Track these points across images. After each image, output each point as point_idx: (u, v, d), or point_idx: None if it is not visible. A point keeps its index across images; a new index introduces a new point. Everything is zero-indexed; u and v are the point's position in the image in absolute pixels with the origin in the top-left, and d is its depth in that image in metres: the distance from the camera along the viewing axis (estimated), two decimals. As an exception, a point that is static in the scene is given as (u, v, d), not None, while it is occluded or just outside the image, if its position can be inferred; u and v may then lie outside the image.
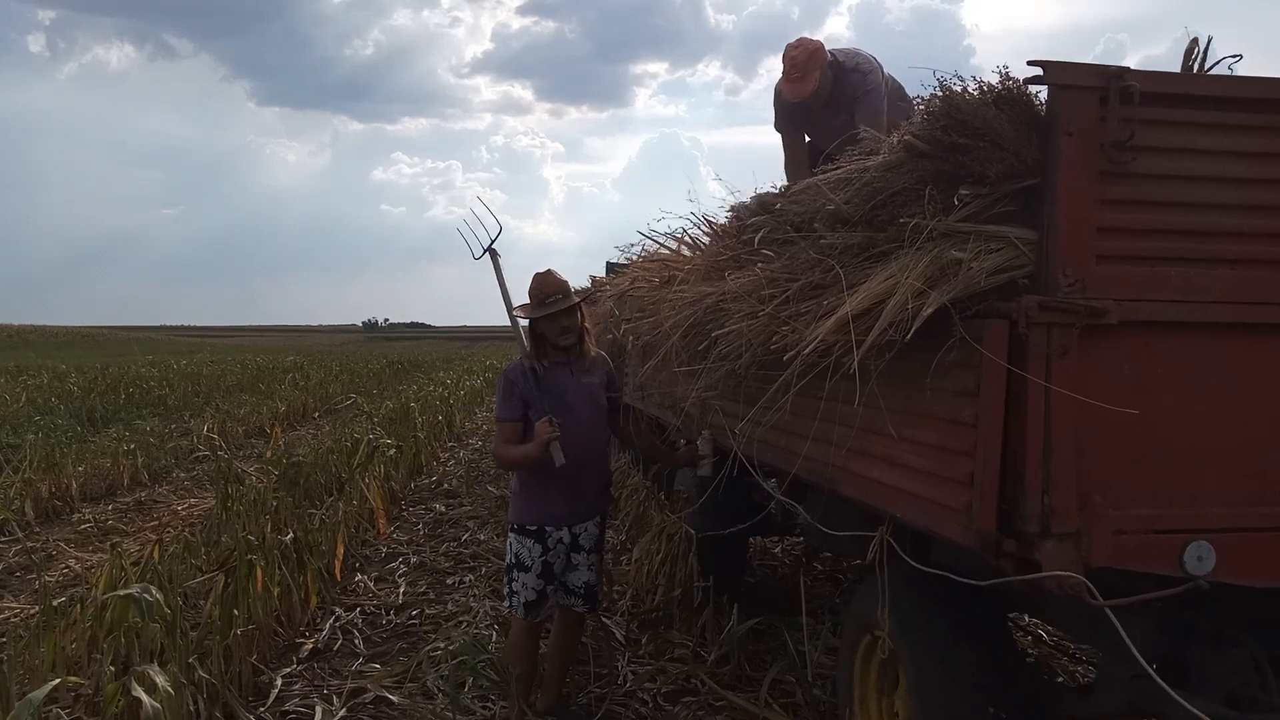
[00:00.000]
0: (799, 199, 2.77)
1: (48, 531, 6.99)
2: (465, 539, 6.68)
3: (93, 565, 5.70)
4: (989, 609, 2.50)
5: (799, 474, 2.88)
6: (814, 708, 3.68)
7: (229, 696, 3.72)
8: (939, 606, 2.46)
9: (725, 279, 3.08)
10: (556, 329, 3.50)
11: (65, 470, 8.33)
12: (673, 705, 3.83)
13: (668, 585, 4.75)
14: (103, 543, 6.44)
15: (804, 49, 3.99)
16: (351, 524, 6.35)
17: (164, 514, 7.73)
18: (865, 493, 2.52)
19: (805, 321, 2.36)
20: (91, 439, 10.76)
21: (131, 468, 9.00)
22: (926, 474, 2.20)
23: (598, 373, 3.68)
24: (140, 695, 3.08)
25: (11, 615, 4.92)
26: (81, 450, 9.57)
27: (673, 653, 4.34)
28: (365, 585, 5.58)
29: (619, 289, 4.88)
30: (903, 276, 2.06)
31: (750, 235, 3.10)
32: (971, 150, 2.01)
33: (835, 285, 2.32)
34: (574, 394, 3.59)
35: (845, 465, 2.60)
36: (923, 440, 2.22)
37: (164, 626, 3.67)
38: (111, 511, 7.77)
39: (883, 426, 2.34)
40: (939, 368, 2.13)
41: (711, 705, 3.81)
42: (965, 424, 2.03)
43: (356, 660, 4.41)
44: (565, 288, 3.53)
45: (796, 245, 2.64)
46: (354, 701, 3.92)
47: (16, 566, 6.00)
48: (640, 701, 3.86)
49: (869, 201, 2.31)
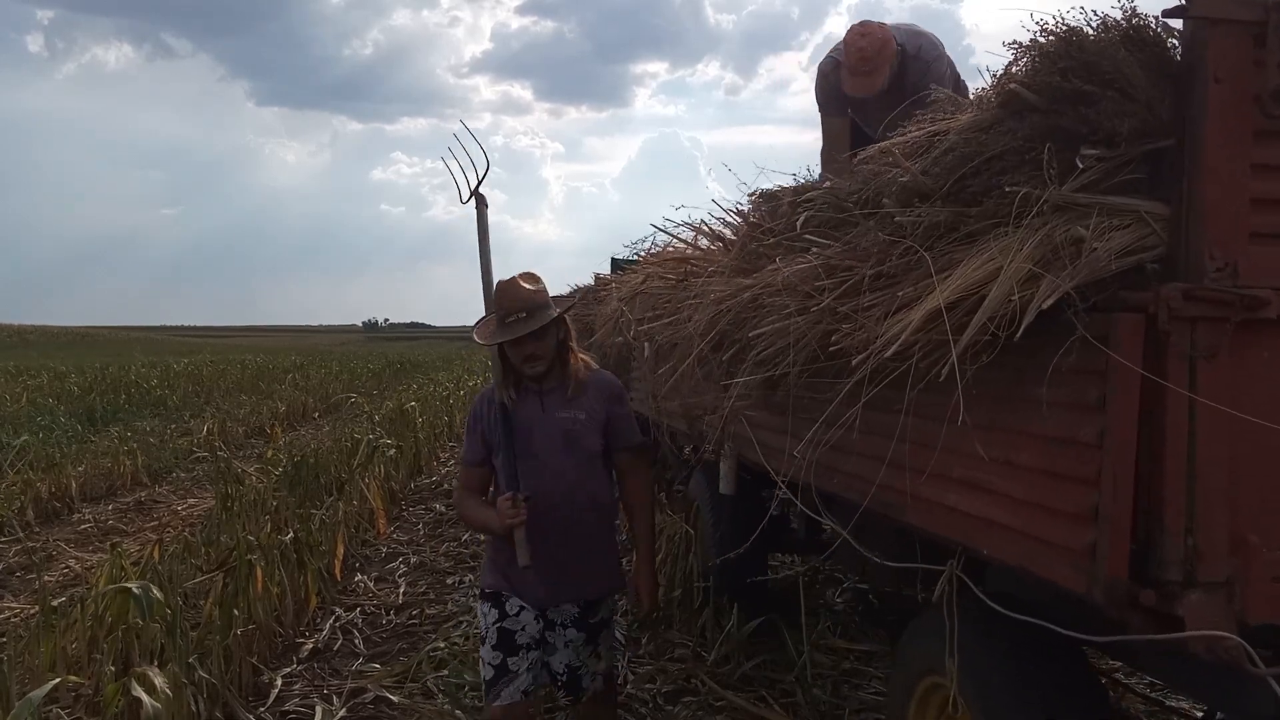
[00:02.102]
0: (860, 172, 2.39)
1: (48, 531, 6.98)
2: (465, 539, 6.56)
3: (93, 565, 5.68)
4: (1069, 650, 2.07)
5: (845, 495, 2.47)
6: (814, 708, 3.61)
7: (229, 696, 3.67)
8: (1012, 648, 2.06)
9: (763, 270, 2.65)
10: (519, 355, 2.69)
11: (65, 470, 8.33)
12: (673, 705, 3.77)
13: (668, 585, 4.63)
14: (103, 543, 6.42)
15: (873, 39, 3.45)
16: (351, 524, 6.29)
17: (164, 514, 7.67)
18: (934, 521, 2.10)
19: (874, 317, 1.94)
20: (91, 439, 10.75)
21: (132, 468, 8.99)
22: (1026, 504, 1.78)
23: (587, 404, 2.78)
24: (140, 695, 3.05)
25: (11, 615, 4.85)
26: (81, 450, 9.57)
27: (673, 653, 4.27)
28: (365, 585, 5.51)
29: (630, 287, 4.47)
30: (1006, 260, 1.69)
31: (792, 217, 2.67)
32: (1098, 100, 1.63)
33: (913, 273, 1.91)
34: (542, 435, 2.74)
35: (907, 488, 2.16)
36: (1022, 463, 1.79)
37: (164, 626, 3.66)
38: (111, 511, 7.76)
39: (964, 445, 1.91)
40: (1044, 373, 1.70)
41: (711, 705, 3.74)
42: (1085, 444, 1.62)
43: (356, 660, 4.35)
44: (532, 302, 2.65)
45: (859, 227, 2.23)
46: (354, 701, 3.87)
47: (16, 566, 5.98)
48: (640, 701, 3.80)
49: (956, 170, 1.90)
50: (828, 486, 2.57)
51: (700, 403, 3.41)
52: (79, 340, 68.14)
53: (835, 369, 2.14)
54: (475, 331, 2.81)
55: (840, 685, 3.88)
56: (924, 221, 1.94)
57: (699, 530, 4.62)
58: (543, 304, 2.68)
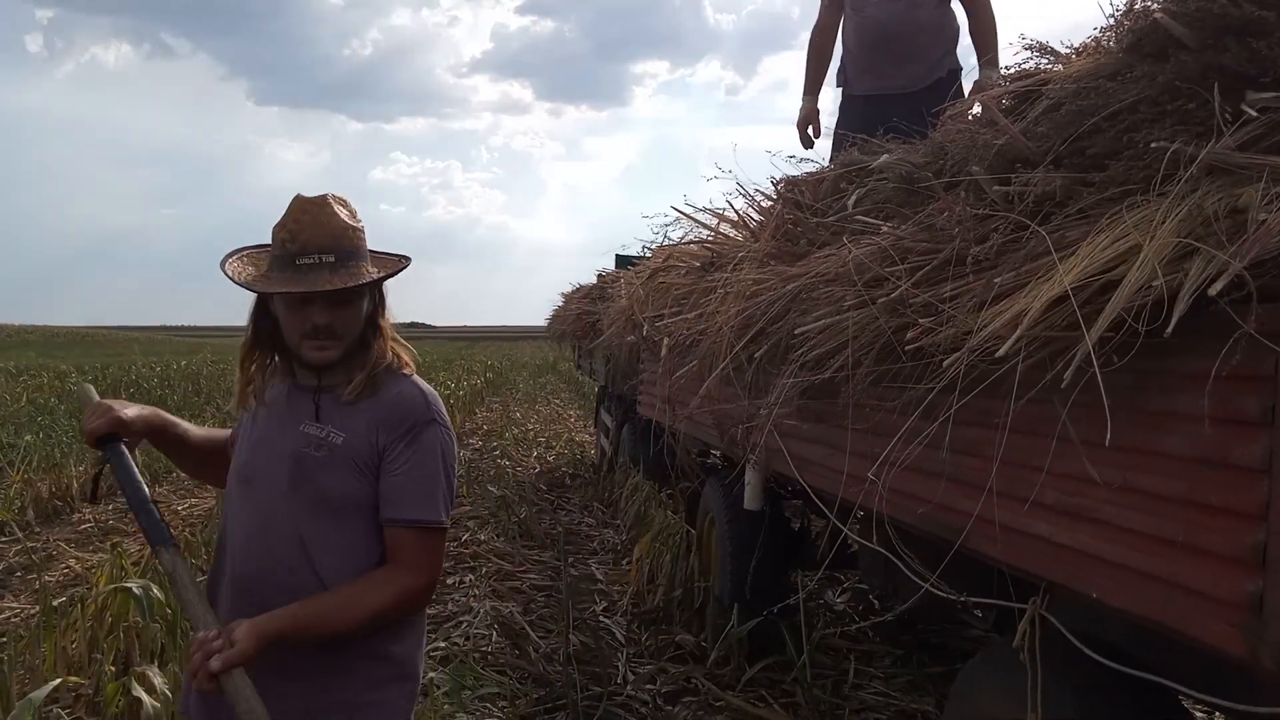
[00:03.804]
0: (940, 136, 2.00)
1: (48, 531, 6.92)
2: (465, 539, 6.41)
3: (93, 565, 5.65)
4: (1160, 695, 1.70)
5: (897, 516, 2.13)
6: (814, 707, 3.56)
7: None
8: (1109, 703, 1.72)
9: (810, 257, 2.27)
10: (303, 325, 1.63)
11: (65, 470, 8.30)
12: (673, 705, 3.72)
13: (668, 585, 4.61)
14: (103, 543, 6.38)
15: None
16: None
17: (165, 514, 7.68)
18: (1015, 552, 1.75)
19: (965, 308, 1.59)
20: (92, 439, 10.75)
21: (132, 468, 8.99)
22: (1154, 540, 1.44)
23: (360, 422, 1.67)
24: (140, 695, 3.03)
25: (11, 615, 4.79)
26: (82, 450, 9.57)
27: (673, 652, 4.23)
28: None
29: (644, 280, 4.13)
30: (1145, 235, 1.34)
31: (840, 194, 2.28)
32: (1273, 29, 1.29)
33: (1013, 254, 1.57)
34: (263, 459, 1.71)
35: (977, 510, 1.80)
36: (1148, 489, 1.45)
37: (164, 626, 3.66)
38: (112, 511, 7.71)
39: (1065, 463, 1.59)
40: (1181, 379, 1.37)
41: (711, 705, 3.69)
42: (1244, 469, 1.29)
43: None
44: (346, 243, 1.63)
45: (935, 201, 1.87)
46: None
47: (16, 566, 5.89)
48: (640, 701, 3.75)
49: (1070, 128, 1.56)
50: (868, 503, 2.15)
51: (729, 409, 2.94)
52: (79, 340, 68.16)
53: (907, 372, 1.77)
54: (227, 263, 1.68)
55: (840, 685, 3.88)
56: (1031, 192, 1.55)
57: (712, 544, 4.39)
58: (359, 249, 1.64)
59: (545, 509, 7.59)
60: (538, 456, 10.66)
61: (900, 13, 3.87)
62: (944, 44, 3.94)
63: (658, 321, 3.53)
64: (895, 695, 3.75)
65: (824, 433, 2.43)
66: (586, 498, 8.14)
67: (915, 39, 3.88)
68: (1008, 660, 1.82)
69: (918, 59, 3.90)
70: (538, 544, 6.45)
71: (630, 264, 6.06)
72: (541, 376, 25.36)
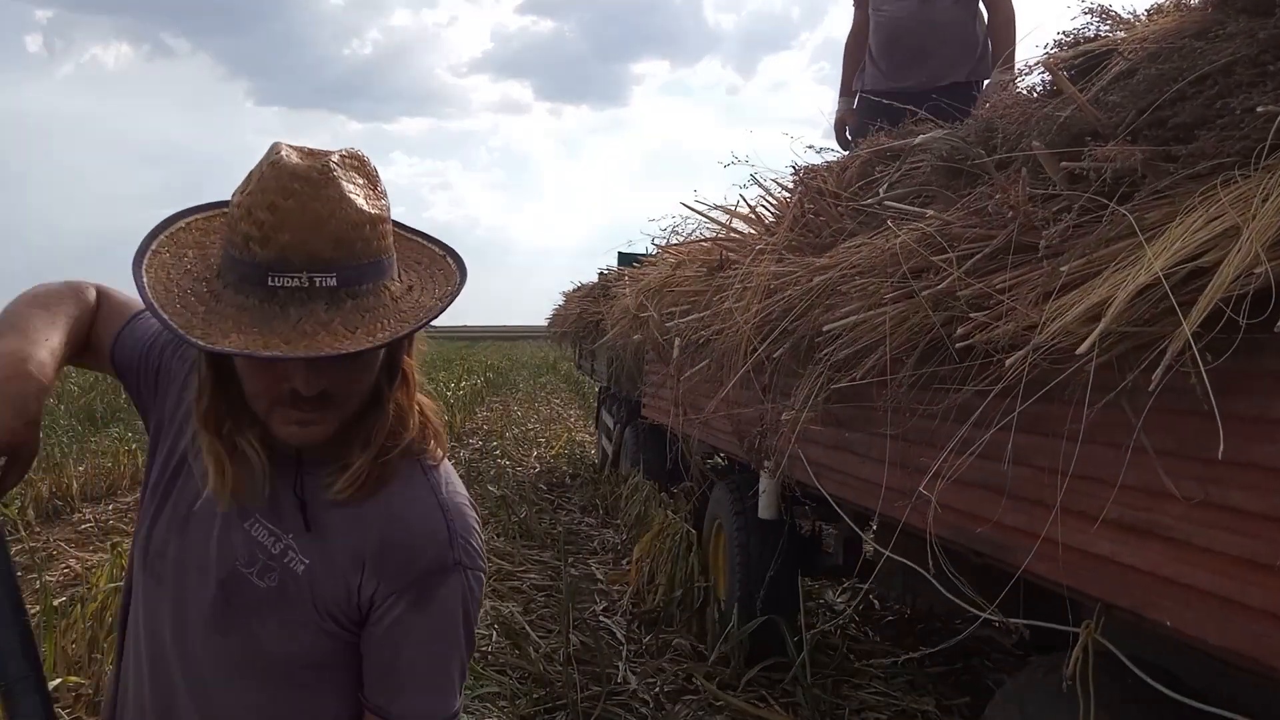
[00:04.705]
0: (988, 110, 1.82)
1: (48, 531, 6.91)
2: None
3: (93, 565, 5.64)
4: None
5: (951, 538, 1.90)
6: (814, 707, 3.54)
7: None
8: None
9: (838, 247, 2.08)
10: (269, 388, 0.96)
11: (65, 470, 8.29)
12: (673, 705, 3.72)
13: (668, 585, 4.57)
14: (103, 542, 6.39)
15: None
16: None
17: None
18: (1070, 573, 1.57)
19: (1025, 300, 1.41)
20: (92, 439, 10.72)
21: (132, 468, 8.96)
22: (1249, 565, 1.25)
23: (344, 546, 1.04)
24: (140, 695, 3.08)
25: None
26: (82, 450, 9.55)
27: (673, 653, 4.23)
28: None
29: (651, 277, 3.95)
30: (1246, 214, 1.16)
31: (868, 179, 2.09)
32: None
33: (1084, 240, 1.38)
34: (191, 559, 1.06)
35: (1025, 525, 1.63)
36: (1239, 506, 1.27)
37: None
38: (112, 511, 7.68)
39: (1134, 475, 1.39)
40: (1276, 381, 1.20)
41: (711, 705, 3.66)
42: None
43: None
44: (358, 243, 0.92)
45: (983, 184, 1.69)
46: None
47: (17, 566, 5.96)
48: (640, 701, 3.74)
49: (1148, 96, 1.39)
50: (893, 513, 1.98)
51: (747, 414, 2.73)
52: (79, 340, 68.00)
53: (956, 373, 1.59)
54: (148, 267, 0.96)
55: (840, 685, 3.88)
56: (1108, 168, 1.36)
57: (720, 551, 4.27)
58: (380, 256, 0.97)
59: (545, 509, 7.57)
60: (538, 456, 10.65)
61: (913, 10, 3.81)
62: (962, 45, 3.85)
63: (667, 321, 3.33)
64: (895, 695, 3.75)
65: (854, 440, 2.20)
66: (586, 498, 8.14)
67: (929, 37, 3.80)
68: (1049, 685, 1.64)
69: (932, 57, 3.82)
70: (538, 544, 6.43)
71: (634, 262, 5.94)
72: (541, 376, 25.35)
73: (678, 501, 5.22)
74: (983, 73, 3.81)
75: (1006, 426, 1.47)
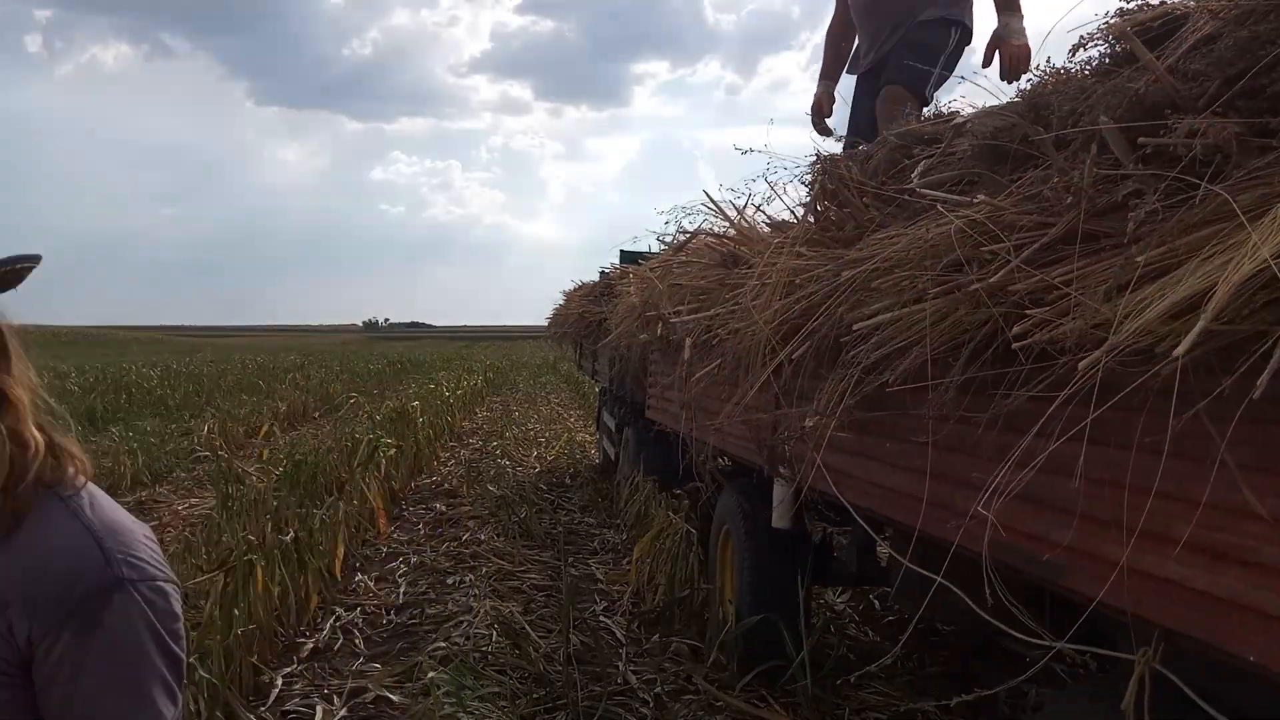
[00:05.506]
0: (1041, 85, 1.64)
1: (48, 531, 6.98)
2: (465, 539, 6.45)
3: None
4: None
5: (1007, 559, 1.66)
6: (814, 707, 3.55)
7: (229, 696, 3.57)
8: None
9: (867, 239, 1.93)
10: None
11: (65, 470, 8.33)
12: (673, 705, 3.72)
13: (668, 585, 4.60)
14: (103, 542, 6.42)
15: None
16: (352, 524, 6.11)
17: (165, 514, 7.48)
18: (1136, 599, 1.38)
19: (1094, 294, 1.26)
20: (92, 439, 10.70)
21: (132, 468, 8.95)
22: None
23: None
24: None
25: None
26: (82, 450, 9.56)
27: (673, 653, 4.24)
28: (365, 585, 5.38)
29: (658, 273, 3.86)
30: None
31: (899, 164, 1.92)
32: None
33: (1162, 226, 1.23)
34: None
35: (1074, 542, 1.47)
36: None
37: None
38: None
39: (1204, 491, 1.23)
40: None
41: (711, 705, 3.68)
42: None
43: (357, 660, 4.25)
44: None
45: (1036, 166, 1.54)
46: (354, 701, 3.79)
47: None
48: (640, 701, 3.75)
49: (1239, 63, 1.23)
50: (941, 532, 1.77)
51: (764, 419, 2.56)
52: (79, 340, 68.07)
53: (1013, 375, 1.43)
54: None
55: (840, 685, 3.88)
56: (1198, 144, 1.20)
57: (728, 558, 4.17)
58: None
59: (545, 509, 7.58)
60: (538, 456, 10.65)
61: None
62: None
63: (675, 319, 3.20)
64: (895, 695, 3.75)
65: (884, 447, 2.00)
66: (586, 498, 8.14)
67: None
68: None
69: (902, 10, 3.74)
70: (538, 544, 6.44)
71: (637, 260, 5.84)
72: (541, 376, 25.34)
73: (678, 502, 5.21)
74: (957, 15, 3.69)
75: (1076, 436, 1.29)
